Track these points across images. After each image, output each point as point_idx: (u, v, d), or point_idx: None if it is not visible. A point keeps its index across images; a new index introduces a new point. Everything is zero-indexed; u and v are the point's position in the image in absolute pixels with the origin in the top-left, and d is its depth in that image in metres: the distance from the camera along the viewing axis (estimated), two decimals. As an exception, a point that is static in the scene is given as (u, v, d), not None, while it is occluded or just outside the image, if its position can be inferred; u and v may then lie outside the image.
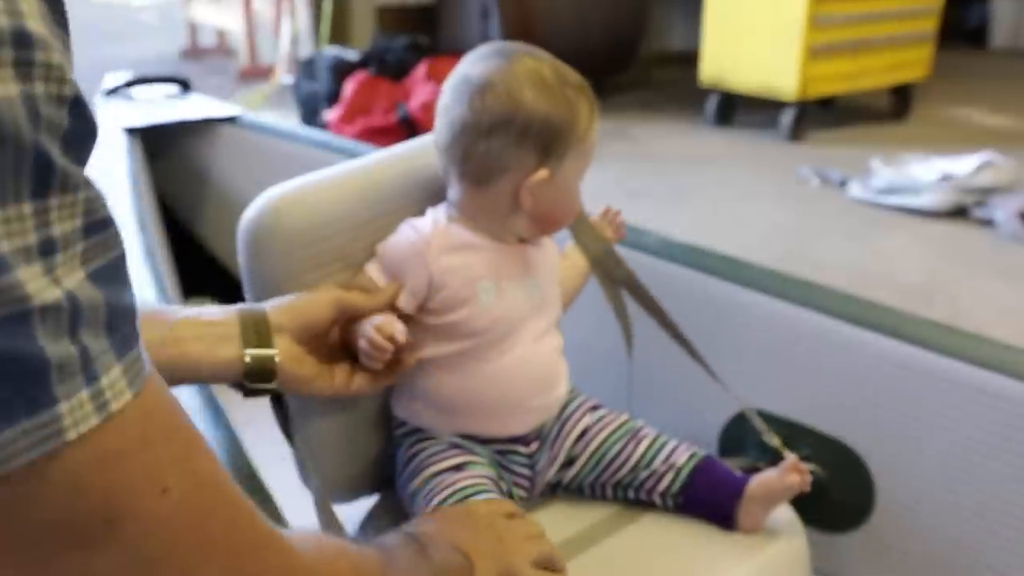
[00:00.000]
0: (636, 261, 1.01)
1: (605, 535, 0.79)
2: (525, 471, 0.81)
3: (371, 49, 3.42)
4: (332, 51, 3.41)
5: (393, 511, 0.82)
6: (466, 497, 0.73)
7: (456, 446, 0.78)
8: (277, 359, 0.67)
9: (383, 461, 0.84)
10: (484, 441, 0.79)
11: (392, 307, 0.75)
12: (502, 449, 0.80)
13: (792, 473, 0.78)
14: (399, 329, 0.71)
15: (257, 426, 0.83)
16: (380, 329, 0.70)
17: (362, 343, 0.71)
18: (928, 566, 0.86)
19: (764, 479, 0.79)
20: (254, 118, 1.70)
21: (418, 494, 0.76)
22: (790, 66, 3.22)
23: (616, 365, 0.98)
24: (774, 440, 0.89)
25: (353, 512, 0.84)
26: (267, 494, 0.63)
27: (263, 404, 0.74)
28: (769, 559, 0.78)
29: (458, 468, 0.76)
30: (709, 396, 0.94)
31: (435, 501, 0.74)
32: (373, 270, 0.77)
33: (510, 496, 0.80)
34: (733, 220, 2.60)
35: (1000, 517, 0.81)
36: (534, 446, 0.81)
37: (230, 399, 0.82)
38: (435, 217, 0.78)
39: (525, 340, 0.77)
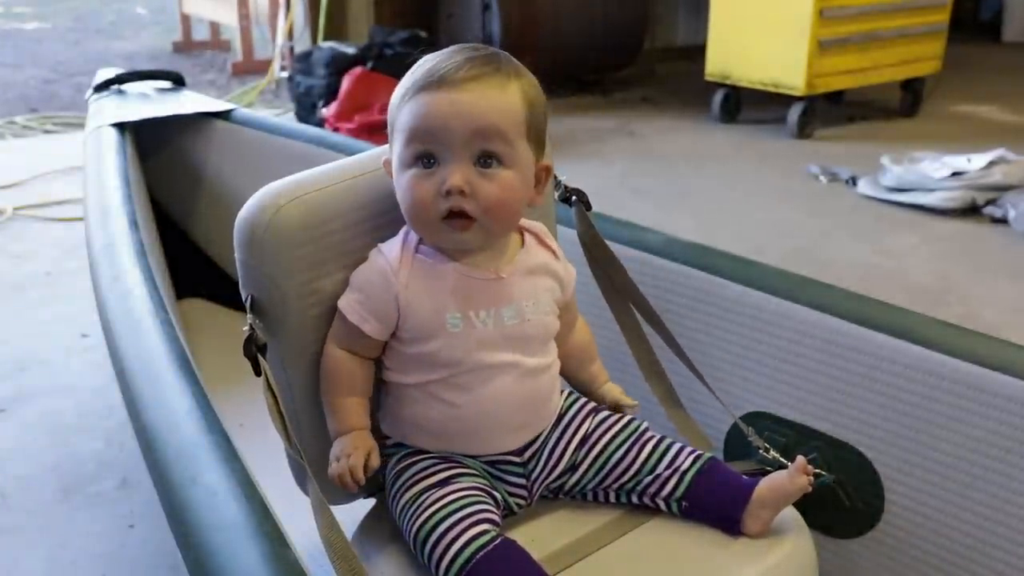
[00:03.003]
0: (640, 260, 1.01)
1: (608, 540, 0.78)
2: (520, 480, 0.79)
3: (369, 43, 3.38)
4: (329, 45, 3.37)
5: (390, 515, 0.80)
6: (452, 512, 0.71)
7: (444, 459, 0.77)
8: None
9: (379, 466, 0.82)
10: (474, 455, 0.78)
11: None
12: (493, 460, 0.78)
13: (803, 474, 0.77)
14: (372, 466, 0.76)
15: (253, 430, 0.82)
16: (354, 472, 0.74)
17: (333, 468, 0.75)
18: (938, 572, 0.85)
19: (774, 480, 0.77)
20: (249, 114, 1.68)
21: (406, 510, 0.74)
22: (797, 60, 3.18)
23: (619, 365, 0.96)
24: (771, 453, 0.88)
25: (351, 515, 0.82)
26: (263, 499, 0.61)
27: (260, 407, 0.72)
28: (775, 564, 0.76)
29: (445, 483, 0.75)
30: (714, 399, 0.94)
31: (422, 517, 0.72)
32: (345, 302, 0.76)
33: (505, 505, 0.78)
34: (739, 218, 2.56)
35: (1011, 521, 0.79)
36: (527, 455, 0.79)
37: (225, 401, 0.79)
38: (405, 240, 0.77)
39: (507, 367, 0.76)
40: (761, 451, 0.89)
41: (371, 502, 0.85)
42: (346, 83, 3.09)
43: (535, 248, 0.80)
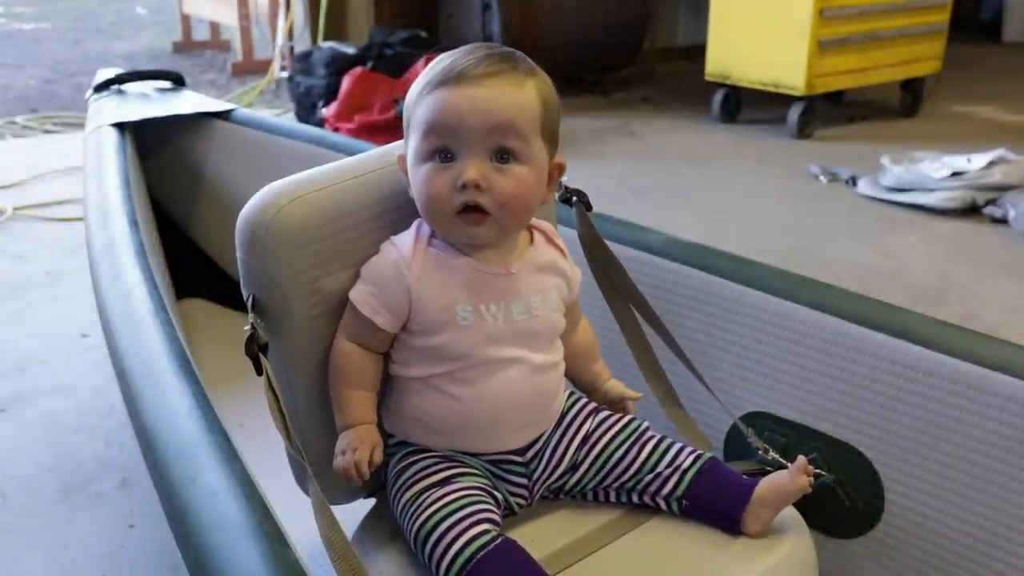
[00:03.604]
0: (640, 260, 1.01)
1: (608, 540, 0.78)
2: (521, 480, 0.79)
3: (369, 43, 3.38)
4: (329, 45, 3.37)
5: (391, 514, 0.80)
6: (453, 512, 0.71)
7: (446, 458, 0.77)
8: None
9: (381, 464, 0.82)
10: (476, 453, 0.78)
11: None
12: (495, 460, 0.79)
13: (803, 474, 0.77)
14: (375, 461, 0.76)
15: (253, 430, 0.83)
16: (359, 466, 0.74)
17: (338, 461, 0.75)
18: (938, 572, 0.85)
19: (775, 481, 0.78)
20: (249, 114, 1.67)
21: (407, 509, 0.74)
22: (798, 60, 3.18)
23: (619, 365, 0.96)
24: (770, 454, 0.88)
25: (351, 515, 0.82)
26: (263, 499, 0.61)
27: (260, 407, 0.72)
28: (775, 564, 0.76)
29: (446, 482, 0.75)
30: (714, 400, 0.94)
31: (423, 516, 0.72)
32: (356, 294, 0.76)
33: (506, 505, 0.78)
34: (739, 218, 2.56)
35: (1011, 521, 0.79)
36: (529, 454, 0.79)
37: (225, 401, 0.79)
38: (418, 232, 0.77)
39: (513, 363, 0.76)
40: (760, 452, 0.89)
41: (371, 502, 0.85)
42: (346, 83, 3.09)
43: (544, 246, 0.81)
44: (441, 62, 0.74)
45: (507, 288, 0.76)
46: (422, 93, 0.73)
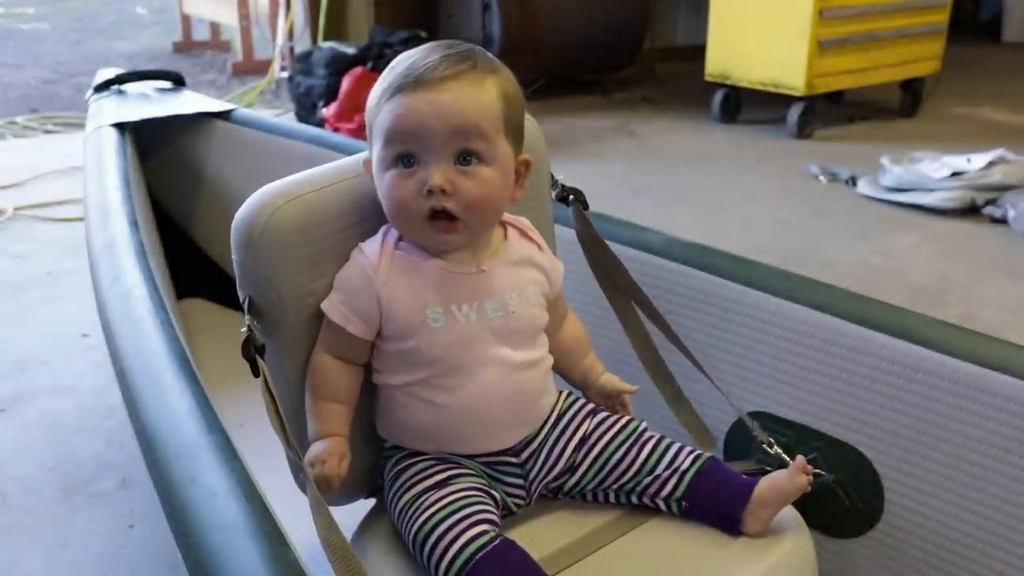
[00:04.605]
0: (640, 260, 1.01)
1: (608, 541, 0.78)
2: (517, 480, 0.79)
3: (369, 43, 3.38)
4: (329, 45, 3.37)
5: (390, 515, 0.80)
6: (451, 513, 0.71)
7: (442, 460, 0.77)
8: None
9: (379, 465, 0.83)
10: (469, 455, 0.78)
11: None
12: (490, 461, 0.78)
13: (802, 474, 0.77)
14: (341, 474, 0.75)
15: (253, 430, 0.82)
16: (329, 481, 0.74)
17: (312, 472, 0.75)
18: (938, 572, 0.85)
19: (774, 480, 0.78)
20: (249, 114, 1.67)
21: (405, 512, 0.74)
22: (797, 61, 3.19)
23: (620, 364, 0.96)
24: (774, 449, 0.88)
25: (351, 515, 0.82)
26: (263, 499, 0.61)
27: (260, 407, 0.73)
28: (775, 563, 0.76)
29: (443, 484, 0.75)
30: (714, 399, 0.94)
31: (421, 518, 0.72)
32: (328, 304, 0.76)
33: (504, 505, 0.78)
34: (739, 218, 2.56)
35: (1011, 521, 0.79)
36: (524, 455, 0.79)
37: (225, 401, 0.79)
38: (385, 237, 0.77)
39: (492, 363, 0.75)
40: (765, 446, 0.89)
41: (371, 502, 0.85)
42: (346, 83, 3.09)
43: (518, 241, 0.80)
44: (399, 65, 0.73)
45: (479, 286, 0.75)
46: (382, 99, 0.73)
